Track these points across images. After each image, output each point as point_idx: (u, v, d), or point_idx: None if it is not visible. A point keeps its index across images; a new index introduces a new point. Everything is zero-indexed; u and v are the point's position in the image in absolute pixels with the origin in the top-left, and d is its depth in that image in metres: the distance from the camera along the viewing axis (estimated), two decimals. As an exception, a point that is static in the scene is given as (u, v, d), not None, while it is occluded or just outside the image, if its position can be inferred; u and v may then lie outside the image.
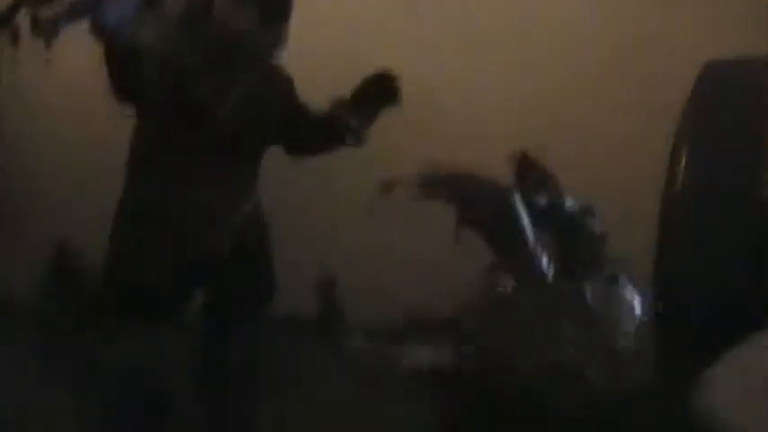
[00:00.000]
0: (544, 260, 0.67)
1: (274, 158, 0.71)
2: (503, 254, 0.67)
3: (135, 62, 0.58)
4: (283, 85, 0.68)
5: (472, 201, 0.67)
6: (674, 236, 0.96)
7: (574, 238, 0.72)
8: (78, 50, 0.60)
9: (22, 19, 0.54)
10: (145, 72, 0.58)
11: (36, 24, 0.52)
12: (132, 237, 0.64)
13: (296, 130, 0.68)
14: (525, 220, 0.66)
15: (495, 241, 0.67)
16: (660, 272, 0.97)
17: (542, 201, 0.71)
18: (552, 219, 0.72)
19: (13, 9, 0.53)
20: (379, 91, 0.66)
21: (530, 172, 0.80)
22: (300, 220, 0.96)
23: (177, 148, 0.63)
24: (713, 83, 1.00)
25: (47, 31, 0.51)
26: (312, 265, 0.86)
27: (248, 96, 0.63)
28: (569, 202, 0.73)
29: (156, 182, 0.64)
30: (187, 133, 0.62)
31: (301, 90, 0.69)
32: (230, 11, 0.61)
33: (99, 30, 0.54)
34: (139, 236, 0.63)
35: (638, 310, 0.71)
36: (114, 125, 0.67)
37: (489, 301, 0.66)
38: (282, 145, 0.69)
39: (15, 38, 0.53)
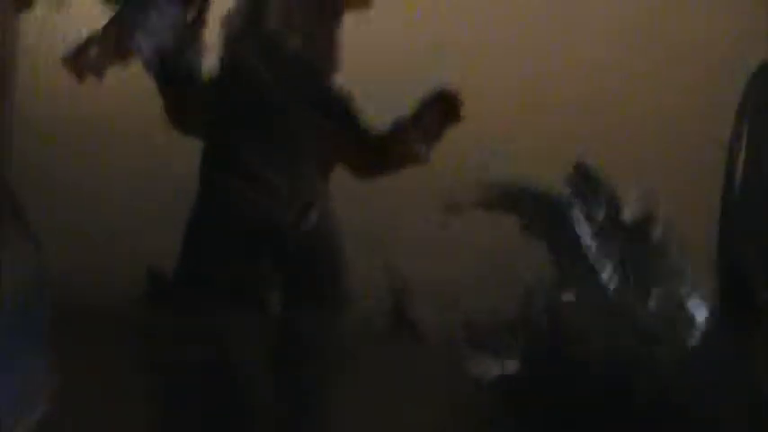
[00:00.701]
0: (605, 272, 0.68)
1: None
2: (564, 265, 0.68)
3: (190, 87, 0.63)
4: (344, 102, 0.68)
5: (533, 213, 0.68)
6: (736, 235, 0.97)
7: (634, 248, 0.73)
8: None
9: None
10: (202, 95, 0.64)
11: (83, 60, 0.57)
12: (205, 241, 0.67)
13: (359, 150, 0.68)
14: (585, 231, 0.67)
15: (557, 253, 0.68)
16: (722, 271, 0.97)
17: (602, 212, 0.71)
18: (612, 229, 0.72)
19: (82, 49, 0.59)
20: (441, 108, 0.67)
21: (587, 182, 0.80)
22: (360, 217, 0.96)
23: (244, 159, 0.64)
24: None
25: (94, 67, 0.56)
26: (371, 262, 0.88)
27: (310, 111, 0.65)
28: (628, 212, 0.73)
29: (225, 191, 0.66)
30: (253, 144, 0.64)
31: (363, 108, 0.70)
32: (282, 30, 0.63)
33: (147, 65, 0.56)
34: (212, 240, 0.66)
35: (700, 318, 0.71)
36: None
37: (551, 312, 0.67)
38: (347, 165, 0.69)
39: (80, 76, 0.57)
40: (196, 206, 0.67)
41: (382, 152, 0.67)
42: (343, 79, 0.68)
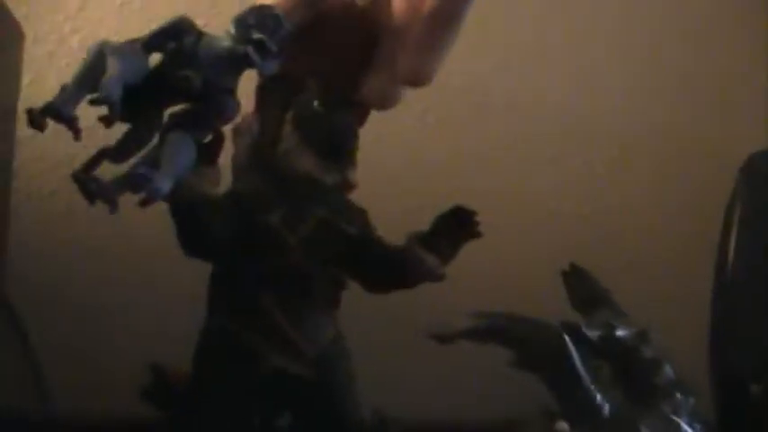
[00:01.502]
0: (599, 396, 0.68)
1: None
2: (559, 393, 0.68)
3: (199, 218, 0.60)
4: (357, 218, 0.66)
5: (527, 346, 0.68)
6: (728, 331, 0.97)
7: (627, 367, 0.73)
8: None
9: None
10: (210, 224, 0.60)
11: (97, 188, 0.52)
12: (210, 370, 0.64)
13: (371, 266, 0.66)
14: (578, 359, 0.67)
15: (551, 382, 0.68)
16: (717, 370, 0.98)
17: (595, 333, 0.72)
18: (606, 349, 0.72)
19: (93, 163, 0.54)
20: (457, 226, 0.65)
21: (581, 285, 0.81)
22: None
23: (247, 284, 0.62)
24: (757, 175, 0.99)
25: (106, 195, 0.52)
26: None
27: (319, 229, 0.63)
28: (622, 330, 0.74)
29: (229, 318, 0.63)
30: (256, 268, 0.62)
31: (394, 226, 0.68)
32: (292, 154, 0.61)
33: (150, 196, 0.53)
34: (217, 369, 0.63)
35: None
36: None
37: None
38: (359, 280, 0.67)
39: (90, 197, 0.53)
40: (204, 339, 0.65)
41: (397, 268, 0.65)
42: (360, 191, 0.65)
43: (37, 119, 0.51)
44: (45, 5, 1.10)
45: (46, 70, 1.10)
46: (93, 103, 0.51)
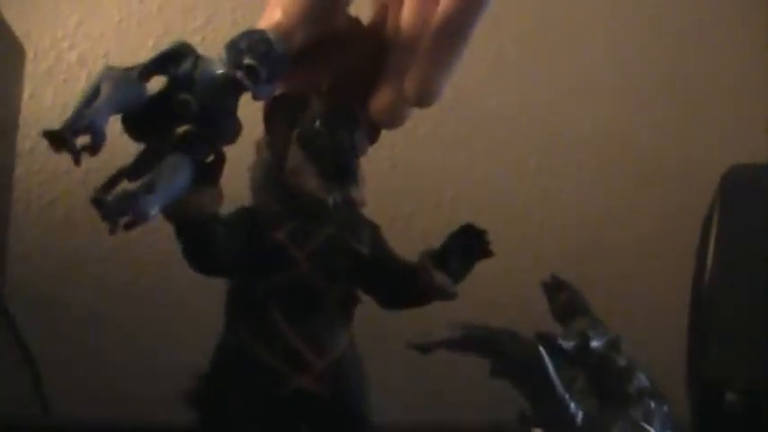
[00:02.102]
0: (572, 405, 0.71)
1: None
2: (534, 402, 0.71)
3: (203, 236, 0.60)
4: (368, 234, 0.66)
5: (503, 355, 0.71)
6: (705, 340, 1.00)
7: (601, 375, 0.76)
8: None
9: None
10: (214, 241, 0.60)
11: (102, 208, 0.51)
12: (227, 381, 0.64)
13: (384, 282, 0.66)
14: (552, 368, 0.70)
15: (527, 391, 0.71)
16: (694, 379, 1.00)
17: (570, 344, 0.74)
18: (581, 359, 0.75)
19: (112, 184, 0.54)
20: (468, 244, 0.65)
21: (561, 296, 0.83)
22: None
23: (260, 299, 0.63)
24: (736, 187, 1.01)
25: (110, 215, 0.51)
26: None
27: (328, 245, 0.63)
28: (596, 341, 0.76)
29: (243, 333, 0.64)
30: (268, 284, 0.62)
31: (386, 234, 0.68)
32: (298, 172, 0.62)
33: (136, 218, 0.52)
34: (231, 384, 0.64)
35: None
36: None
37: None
38: (372, 296, 0.67)
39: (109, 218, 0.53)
40: (219, 355, 0.65)
41: (408, 285, 0.65)
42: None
43: (57, 142, 0.50)
44: (45, 22, 1.13)
45: (45, 85, 1.13)
46: (75, 133, 0.52)
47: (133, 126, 0.53)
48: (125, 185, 0.56)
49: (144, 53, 1.10)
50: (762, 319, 0.95)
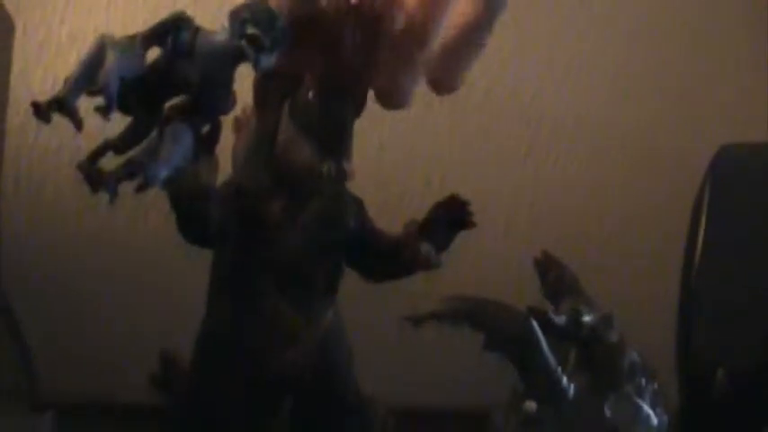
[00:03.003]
0: (564, 378, 0.71)
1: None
2: (526, 375, 0.71)
3: (198, 206, 0.61)
4: (353, 208, 0.68)
5: (495, 328, 0.71)
6: (693, 324, 1.00)
7: (593, 351, 0.76)
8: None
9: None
10: (208, 212, 0.62)
11: (99, 178, 0.54)
12: (212, 358, 0.66)
13: (368, 255, 0.68)
14: (544, 342, 0.70)
15: (519, 364, 0.71)
16: (683, 362, 1.01)
17: (562, 319, 0.74)
18: (571, 334, 0.75)
19: (98, 154, 0.56)
20: (451, 215, 0.67)
21: (551, 271, 0.83)
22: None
23: (250, 272, 0.64)
24: (727, 167, 1.02)
25: (108, 184, 0.54)
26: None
27: (316, 219, 0.65)
28: (587, 316, 0.77)
29: (232, 305, 0.65)
30: (258, 256, 0.64)
31: (375, 215, 0.70)
32: (290, 145, 0.63)
33: (146, 182, 0.55)
34: (219, 357, 0.65)
35: (657, 419, 0.74)
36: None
37: (515, 420, 0.70)
38: (357, 268, 0.69)
39: (95, 186, 0.55)
40: (206, 327, 0.67)
41: (393, 257, 0.67)
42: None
43: (43, 111, 0.53)
44: (34, -3, 1.12)
45: (35, 61, 1.12)
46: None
47: (125, 98, 0.54)
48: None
49: (134, 29, 1.10)
50: (751, 301, 0.96)
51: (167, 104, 0.58)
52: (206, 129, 0.59)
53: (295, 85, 0.63)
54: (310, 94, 0.63)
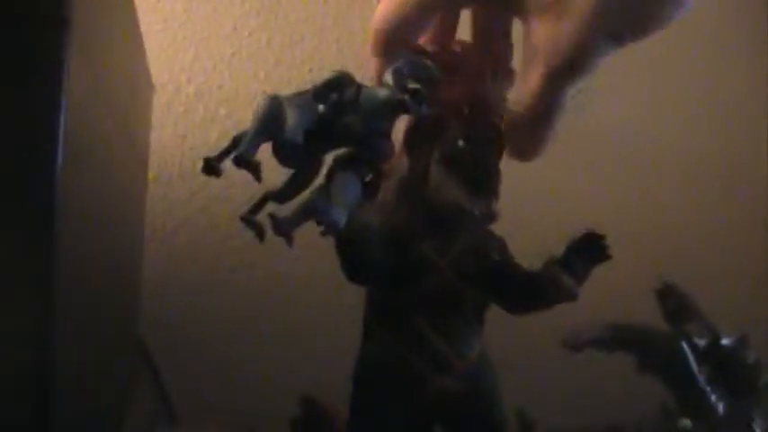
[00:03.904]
0: (713, 396, 0.75)
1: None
2: (678, 393, 0.75)
3: (364, 248, 0.64)
4: (497, 245, 0.69)
5: (647, 350, 0.75)
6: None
7: (735, 371, 0.80)
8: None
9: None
10: (373, 253, 0.64)
11: (275, 224, 0.56)
12: (370, 391, 0.68)
13: (510, 288, 0.70)
14: (693, 361, 0.75)
15: (671, 383, 0.75)
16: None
17: (703, 341, 0.79)
18: (713, 355, 0.80)
19: (259, 206, 0.58)
20: (588, 249, 0.69)
21: (672, 298, 0.87)
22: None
23: (404, 307, 0.66)
24: None
25: (285, 230, 0.55)
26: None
27: (465, 255, 0.67)
28: (725, 338, 0.81)
29: (387, 338, 0.68)
30: (412, 292, 0.66)
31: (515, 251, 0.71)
32: (441, 188, 0.65)
33: (329, 227, 0.57)
34: (377, 389, 0.68)
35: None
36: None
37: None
38: (501, 301, 0.71)
39: (261, 235, 0.57)
40: (364, 362, 0.69)
41: (533, 291, 0.69)
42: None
43: (215, 166, 0.55)
44: (163, 58, 1.19)
45: (165, 117, 1.19)
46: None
47: (285, 151, 0.58)
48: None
49: (255, 84, 1.17)
50: None
51: (333, 155, 0.60)
52: (369, 176, 0.62)
53: (443, 131, 0.66)
54: (460, 141, 0.66)
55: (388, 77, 0.61)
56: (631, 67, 1.35)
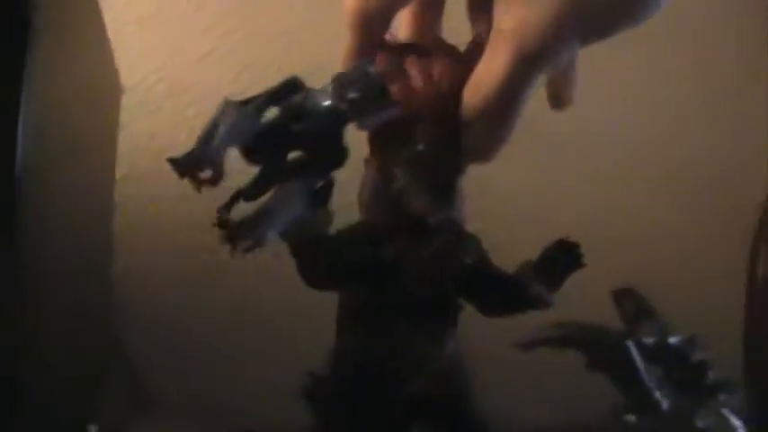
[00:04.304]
0: (657, 393, 0.78)
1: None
2: (624, 391, 0.78)
3: (318, 255, 0.64)
4: (471, 245, 0.69)
5: (596, 349, 0.78)
6: (761, 342, 1.07)
7: (681, 370, 0.83)
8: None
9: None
10: (331, 258, 0.65)
11: (233, 233, 0.55)
12: (344, 385, 0.69)
13: (484, 291, 0.70)
14: (639, 361, 0.78)
15: (617, 381, 0.78)
16: (751, 377, 1.07)
17: (651, 341, 0.82)
18: (660, 355, 0.82)
19: (230, 204, 0.57)
20: (563, 257, 0.70)
21: (628, 299, 0.90)
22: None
23: (377, 306, 0.67)
24: None
25: (242, 240, 0.55)
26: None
27: (435, 257, 0.66)
28: (673, 338, 0.84)
29: (361, 336, 0.68)
30: (383, 292, 0.66)
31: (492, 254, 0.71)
32: (404, 193, 0.66)
33: (246, 246, 0.56)
34: (351, 384, 0.68)
35: (744, 430, 0.81)
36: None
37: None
38: (473, 305, 0.71)
39: (230, 236, 0.55)
40: (336, 362, 0.69)
41: (510, 295, 0.70)
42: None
43: (181, 167, 0.55)
44: (134, 57, 1.21)
45: (136, 116, 1.21)
46: (196, 166, 0.55)
47: (249, 151, 0.58)
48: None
49: (227, 85, 1.19)
50: None
51: (290, 160, 0.61)
52: (320, 183, 0.62)
53: (406, 136, 0.66)
54: (420, 146, 0.66)
55: (329, 85, 0.61)
56: (621, 65, 1.37)
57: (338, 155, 0.62)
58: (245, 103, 0.58)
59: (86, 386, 0.89)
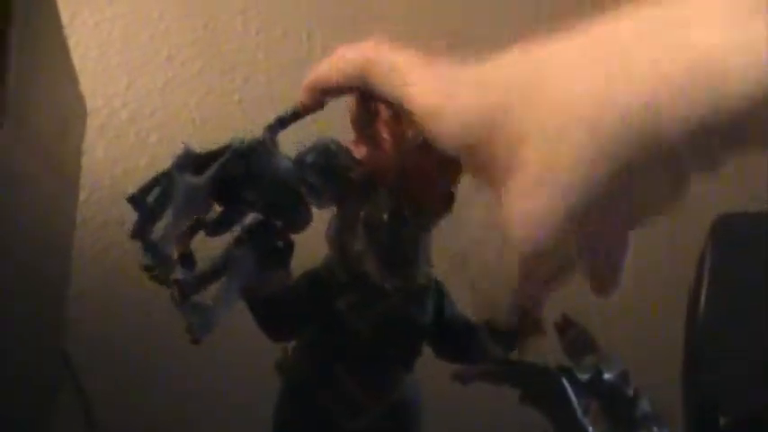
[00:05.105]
0: (590, 428, 0.82)
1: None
2: (558, 426, 0.81)
3: (279, 310, 0.65)
4: (431, 298, 0.70)
5: (530, 384, 0.81)
6: (699, 369, 1.09)
7: (613, 403, 0.87)
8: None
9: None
10: (291, 311, 0.66)
11: (179, 289, 0.55)
12: (289, 417, 0.70)
13: (442, 345, 0.72)
14: (573, 396, 0.81)
15: (551, 415, 0.81)
16: (689, 404, 1.10)
17: (585, 376, 0.85)
18: (594, 389, 0.86)
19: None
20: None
21: (570, 331, 0.93)
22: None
23: (323, 353, 0.68)
24: (726, 236, 1.07)
25: (183, 295, 0.55)
26: None
27: (389, 317, 0.67)
28: (608, 373, 0.87)
29: (306, 373, 0.69)
30: (331, 341, 0.67)
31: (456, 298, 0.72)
32: (362, 254, 0.65)
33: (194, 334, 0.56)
34: (295, 417, 0.70)
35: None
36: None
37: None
38: (432, 348, 0.72)
39: (182, 294, 0.55)
40: (282, 402, 0.70)
41: (463, 350, 0.73)
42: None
43: (137, 202, 0.56)
44: (98, 83, 1.23)
45: (98, 140, 1.23)
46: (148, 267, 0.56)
47: (206, 227, 0.58)
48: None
49: (186, 111, 1.22)
50: (756, 354, 1.02)
51: (242, 227, 0.60)
52: (279, 245, 0.62)
53: (371, 194, 0.65)
54: (384, 216, 0.65)
55: (290, 161, 0.60)
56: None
57: (298, 219, 0.62)
58: (200, 175, 0.55)
59: (38, 405, 0.90)
